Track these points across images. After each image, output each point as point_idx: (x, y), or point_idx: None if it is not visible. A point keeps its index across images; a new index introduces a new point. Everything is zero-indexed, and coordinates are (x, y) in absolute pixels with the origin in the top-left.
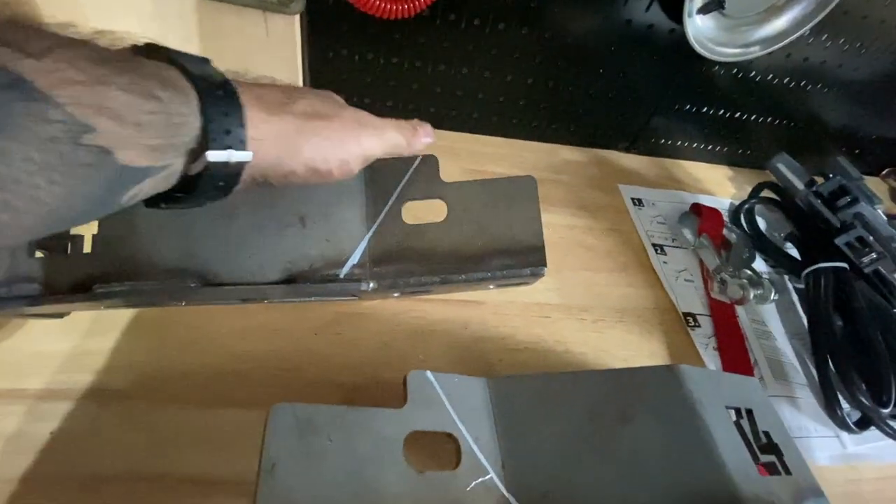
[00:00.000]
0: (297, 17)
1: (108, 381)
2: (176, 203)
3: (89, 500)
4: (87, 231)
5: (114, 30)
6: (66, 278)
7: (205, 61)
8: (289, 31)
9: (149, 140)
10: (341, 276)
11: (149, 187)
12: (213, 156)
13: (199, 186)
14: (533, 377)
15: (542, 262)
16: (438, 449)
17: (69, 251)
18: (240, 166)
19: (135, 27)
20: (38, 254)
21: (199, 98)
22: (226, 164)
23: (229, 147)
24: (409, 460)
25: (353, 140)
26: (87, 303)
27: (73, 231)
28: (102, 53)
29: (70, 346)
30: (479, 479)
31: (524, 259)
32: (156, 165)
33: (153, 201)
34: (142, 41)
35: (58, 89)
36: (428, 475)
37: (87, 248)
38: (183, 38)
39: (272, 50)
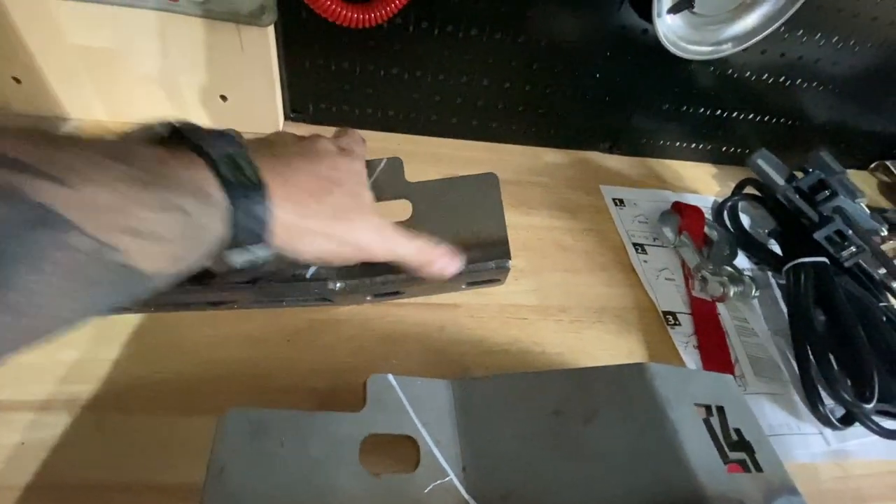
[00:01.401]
0: (271, 28)
1: (80, 391)
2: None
3: None
4: None
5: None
6: None
7: (239, 147)
8: (263, 43)
9: (174, 251)
10: (308, 276)
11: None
12: (237, 257)
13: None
14: (497, 378)
15: (507, 255)
16: (397, 452)
17: None
18: (258, 261)
19: (110, 42)
20: None
21: (229, 205)
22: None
23: (251, 249)
24: (365, 463)
25: (358, 249)
26: None
27: None
28: (133, 169)
29: (41, 358)
30: (438, 482)
31: (489, 252)
32: (178, 271)
33: None
34: (165, 124)
35: (89, 219)
36: (384, 478)
37: None
38: (160, 53)
39: (248, 62)
